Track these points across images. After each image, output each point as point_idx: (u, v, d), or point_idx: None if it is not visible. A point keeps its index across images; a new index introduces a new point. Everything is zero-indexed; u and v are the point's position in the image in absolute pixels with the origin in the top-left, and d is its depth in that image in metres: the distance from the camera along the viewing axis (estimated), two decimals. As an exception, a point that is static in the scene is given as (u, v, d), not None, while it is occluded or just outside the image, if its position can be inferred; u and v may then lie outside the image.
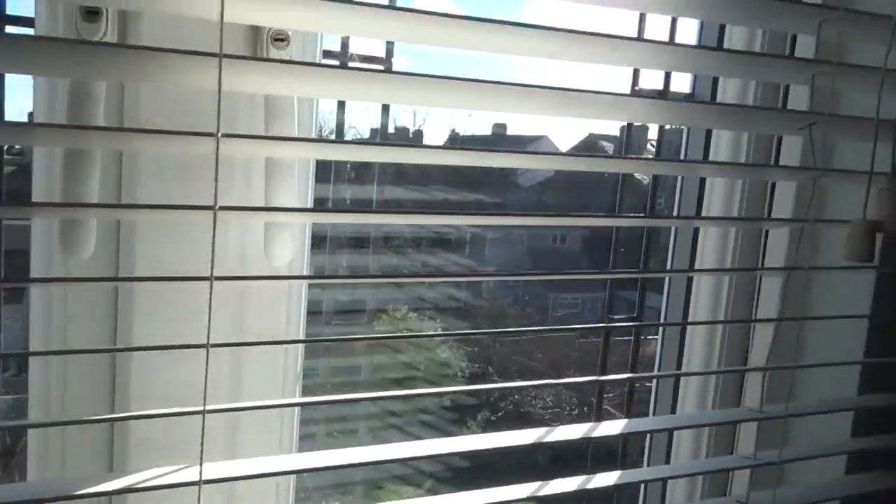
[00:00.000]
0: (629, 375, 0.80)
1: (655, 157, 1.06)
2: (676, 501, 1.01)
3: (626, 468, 1.03)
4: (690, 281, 0.99)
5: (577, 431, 0.72)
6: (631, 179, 1.15)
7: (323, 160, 0.97)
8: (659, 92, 0.99)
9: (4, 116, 0.67)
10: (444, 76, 0.58)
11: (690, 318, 0.99)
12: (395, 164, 1.38)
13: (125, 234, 0.65)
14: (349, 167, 1.36)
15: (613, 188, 1.02)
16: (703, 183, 0.98)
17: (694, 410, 0.99)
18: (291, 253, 0.69)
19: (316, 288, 1.31)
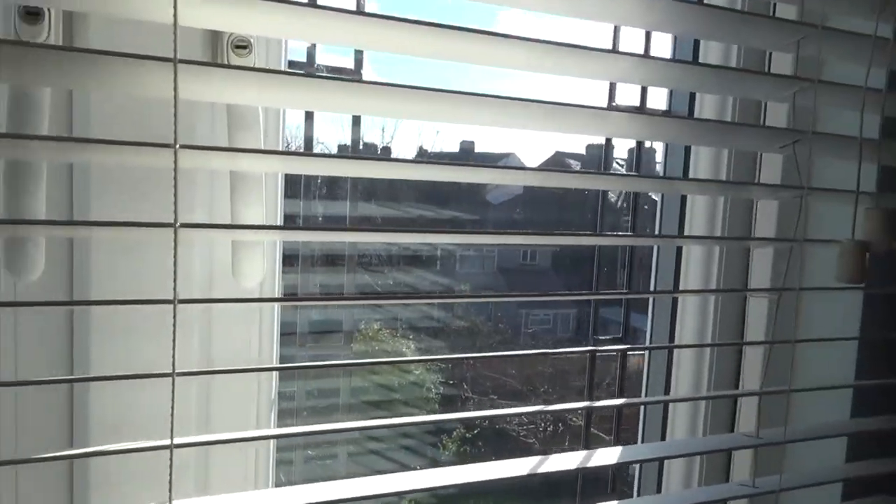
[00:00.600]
0: (621, 402, 0.76)
1: (636, 173, 1.04)
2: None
3: (615, 489, 1.00)
4: (675, 301, 0.97)
5: (571, 461, 0.69)
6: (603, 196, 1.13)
7: (292, 175, 0.93)
8: (636, 108, 0.97)
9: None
10: (418, 86, 0.55)
11: (677, 338, 0.97)
12: (366, 179, 1.34)
13: (79, 251, 0.62)
14: (320, 182, 1.32)
15: (579, 205, 1.00)
16: (683, 202, 0.96)
17: (685, 435, 0.96)
18: (262, 273, 0.65)
19: (289, 308, 1.27)
